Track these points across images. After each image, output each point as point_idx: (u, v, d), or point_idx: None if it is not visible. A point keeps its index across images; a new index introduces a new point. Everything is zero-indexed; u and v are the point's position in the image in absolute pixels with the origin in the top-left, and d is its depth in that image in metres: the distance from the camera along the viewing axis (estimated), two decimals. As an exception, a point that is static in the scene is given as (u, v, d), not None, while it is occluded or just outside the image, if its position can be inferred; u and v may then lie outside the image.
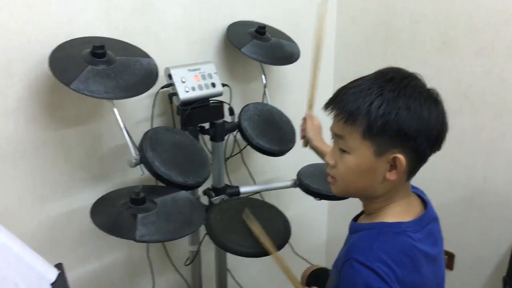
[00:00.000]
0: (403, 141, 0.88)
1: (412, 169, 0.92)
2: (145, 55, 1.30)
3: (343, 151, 0.93)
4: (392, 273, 0.85)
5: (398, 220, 0.92)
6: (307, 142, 1.45)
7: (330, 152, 0.98)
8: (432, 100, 0.90)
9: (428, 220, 0.96)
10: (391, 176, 0.90)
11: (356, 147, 0.90)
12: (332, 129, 0.96)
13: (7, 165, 1.24)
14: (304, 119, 1.46)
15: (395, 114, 0.86)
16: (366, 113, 0.87)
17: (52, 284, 0.89)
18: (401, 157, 0.88)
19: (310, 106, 1.47)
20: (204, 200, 1.55)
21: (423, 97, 0.88)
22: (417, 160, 0.91)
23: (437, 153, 0.94)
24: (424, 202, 1.00)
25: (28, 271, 0.86)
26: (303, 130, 1.45)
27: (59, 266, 0.94)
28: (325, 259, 2.33)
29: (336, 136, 0.95)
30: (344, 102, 0.91)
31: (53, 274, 0.91)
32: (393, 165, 0.89)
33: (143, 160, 1.23)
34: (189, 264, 1.55)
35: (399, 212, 0.94)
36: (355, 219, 1.04)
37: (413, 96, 0.87)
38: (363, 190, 0.95)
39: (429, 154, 0.93)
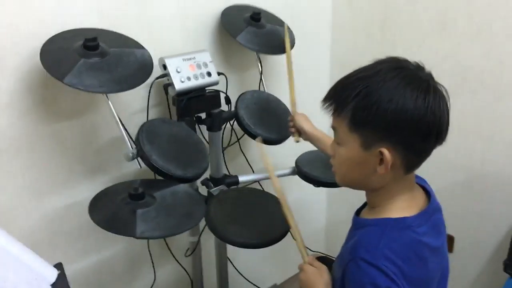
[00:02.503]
0: (387, 135, 0.85)
1: (408, 162, 0.89)
2: (139, 46, 1.27)
3: (338, 143, 0.93)
4: (399, 271, 0.84)
5: (402, 215, 0.91)
6: (299, 133, 1.45)
7: (331, 144, 0.98)
8: (423, 92, 0.85)
9: (432, 211, 0.95)
10: (381, 170, 0.88)
11: (346, 139, 0.90)
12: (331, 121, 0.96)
13: (2, 160, 1.22)
14: (292, 117, 1.48)
15: (377, 106, 0.84)
16: (351, 104, 0.86)
17: (52, 284, 0.88)
18: (386, 151, 0.85)
19: (293, 105, 1.49)
20: (203, 190, 1.54)
21: (410, 88, 0.85)
22: (411, 154, 0.88)
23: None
24: (427, 192, 0.99)
25: (27, 272, 0.85)
26: (293, 126, 1.47)
27: (58, 266, 0.93)
28: (325, 245, 2.33)
29: (332, 128, 0.95)
30: (334, 93, 0.91)
31: (53, 274, 0.89)
32: (382, 159, 0.87)
33: (140, 154, 1.21)
34: (189, 255, 1.55)
35: (403, 207, 0.92)
36: (358, 212, 1.03)
37: (398, 88, 0.84)
38: (358, 182, 0.95)
39: (426, 147, 0.89)
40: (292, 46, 1.62)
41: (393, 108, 0.84)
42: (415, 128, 0.85)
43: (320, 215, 2.32)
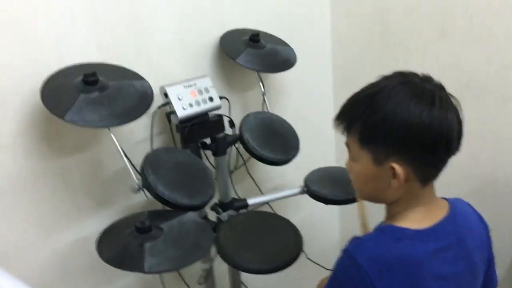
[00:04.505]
0: (395, 150, 0.86)
1: (423, 174, 0.89)
2: (139, 77, 1.27)
3: (352, 159, 0.95)
4: (377, 276, 0.83)
5: (409, 226, 0.89)
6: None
7: (347, 160, 0.99)
8: (427, 103, 0.85)
9: (452, 231, 0.92)
10: (395, 184, 0.88)
11: (358, 155, 0.91)
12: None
13: (9, 200, 1.22)
14: None
15: (382, 123, 0.85)
16: (359, 122, 0.88)
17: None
18: (397, 166, 0.86)
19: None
20: (212, 215, 1.53)
21: (414, 101, 0.84)
22: (423, 166, 0.88)
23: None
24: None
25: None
26: None
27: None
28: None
29: (346, 145, 0.96)
30: (344, 111, 0.93)
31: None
32: (394, 173, 0.87)
33: (145, 185, 1.20)
34: (203, 283, 1.53)
35: (414, 219, 0.91)
36: None
37: (402, 102, 0.84)
38: (374, 196, 0.96)
39: (438, 159, 0.89)
40: (293, 64, 1.61)
41: (398, 124, 0.84)
42: (422, 141, 0.85)
43: (334, 232, 2.29)
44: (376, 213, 1.05)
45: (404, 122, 0.84)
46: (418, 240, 0.87)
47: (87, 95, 1.14)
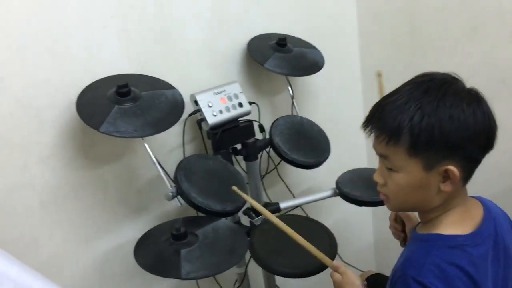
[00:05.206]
0: (452, 152, 0.84)
1: (467, 174, 0.88)
2: (169, 87, 1.29)
3: (390, 169, 0.90)
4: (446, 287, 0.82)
5: (454, 232, 0.88)
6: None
7: (378, 170, 0.95)
8: (475, 102, 0.85)
9: (490, 233, 0.91)
10: (446, 187, 0.87)
11: (404, 165, 0.87)
12: (375, 148, 0.93)
13: (49, 211, 1.26)
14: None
15: (439, 126, 0.83)
16: (408, 130, 0.84)
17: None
18: (453, 168, 0.84)
19: None
20: (245, 220, 1.54)
21: (465, 102, 0.84)
22: (471, 165, 0.88)
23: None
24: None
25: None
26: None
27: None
28: (375, 264, 2.27)
29: (380, 155, 0.92)
30: (383, 121, 0.88)
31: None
32: (446, 177, 0.86)
33: (179, 192, 1.22)
34: (238, 287, 1.54)
35: (455, 221, 0.90)
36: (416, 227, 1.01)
37: (454, 104, 0.83)
38: (419, 204, 0.93)
39: (483, 156, 0.89)
40: (321, 67, 1.61)
41: (456, 126, 0.83)
42: (477, 140, 0.85)
43: (368, 234, 2.26)
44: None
45: (461, 123, 0.83)
46: (469, 246, 0.87)
47: (121, 106, 1.17)
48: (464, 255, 0.85)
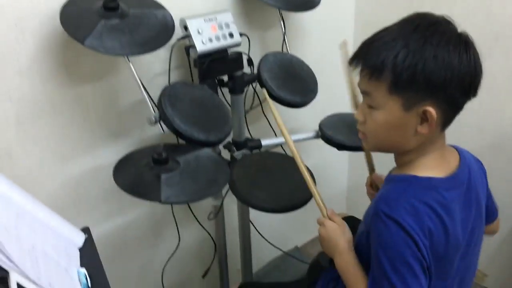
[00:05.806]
0: (432, 93, 0.84)
1: (446, 119, 0.88)
2: (160, 7, 1.23)
3: (371, 107, 0.90)
4: (418, 224, 0.84)
5: (429, 175, 0.89)
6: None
7: (359, 108, 0.95)
8: (462, 45, 0.84)
9: (463, 179, 0.93)
10: (423, 129, 0.87)
11: (384, 102, 0.87)
12: (359, 85, 0.92)
13: (25, 126, 1.22)
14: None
15: (422, 65, 0.82)
16: (391, 66, 0.83)
17: (80, 249, 0.89)
18: (431, 110, 0.84)
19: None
20: (225, 153, 1.53)
21: (451, 43, 0.83)
22: (451, 110, 0.88)
23: (465, 98, 0.90)
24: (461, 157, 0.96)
25: (55, 238, 0.86)
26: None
27: (86, 230, 0.94)
28: (346, 208, 2.33)
29: (363, 92, 0.92)
30: (368, 57, 0.88)
31: (80, 239, 0.90)
32: (424, 118, 0.86)
33: (162, 118, 1.20)
34: (213, 219, 1.55)
35: (431, 166, 0.91)
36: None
37: (440, 44, 0.82)
38: (395, 145, 0.93)
39: (464, 102, 0.88)
40: (317, 4, 1.56)
41: (440, 66, 0.82)
42: (460, 83, 0.84)
43: (342, 178, 2.30)
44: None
45: (446, 64, 0.82)
46: (442, 188, 0.88)
47: (107, 21, 1.11)
48: (437, 196, 0.87)
